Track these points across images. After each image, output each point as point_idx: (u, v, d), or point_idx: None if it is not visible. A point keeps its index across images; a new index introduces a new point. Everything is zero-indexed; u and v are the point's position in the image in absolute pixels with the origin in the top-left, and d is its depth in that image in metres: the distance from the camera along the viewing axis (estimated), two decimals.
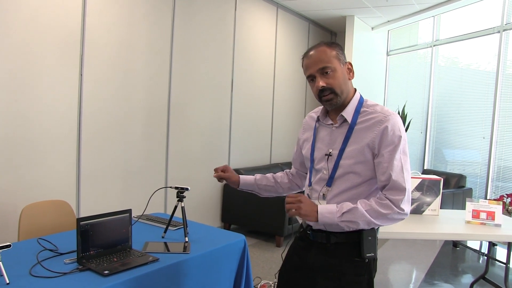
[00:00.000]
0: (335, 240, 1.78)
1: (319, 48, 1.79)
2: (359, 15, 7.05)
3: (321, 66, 1.74)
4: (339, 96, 1.77)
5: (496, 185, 6.02)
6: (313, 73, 1.77)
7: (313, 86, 1.80)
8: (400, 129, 1.72)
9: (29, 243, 2.35)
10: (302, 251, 1.91)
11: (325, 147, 1.84)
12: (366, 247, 1.73)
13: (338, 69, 1.76)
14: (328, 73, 1.74)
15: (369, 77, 7.75)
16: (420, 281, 4.31)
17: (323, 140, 1.87)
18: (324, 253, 1.81)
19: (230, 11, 5.65)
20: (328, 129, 1.86)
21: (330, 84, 1.74)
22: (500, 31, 5.89)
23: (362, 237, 1.73)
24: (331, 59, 1.75)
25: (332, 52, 1.77)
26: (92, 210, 3.83)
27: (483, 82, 6.28)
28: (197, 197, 5.30)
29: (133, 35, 4.31)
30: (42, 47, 3.52)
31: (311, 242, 1.87)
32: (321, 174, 1.84)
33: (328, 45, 1.79)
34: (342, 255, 1.78)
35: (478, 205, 3.20)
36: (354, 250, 1.76)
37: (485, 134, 6.14)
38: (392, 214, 1.68)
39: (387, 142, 1.70)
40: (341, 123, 1.82)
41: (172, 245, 2.46)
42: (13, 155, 3.40)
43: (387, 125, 1.70)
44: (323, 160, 1.83)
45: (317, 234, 1.83)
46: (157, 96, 4.66)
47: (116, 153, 4.24)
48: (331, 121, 1.86)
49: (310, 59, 1.79)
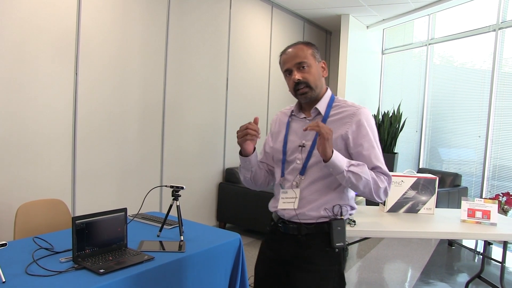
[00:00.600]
0: (306, 231, 1.86)
1: (297, 46, 1.92)
2: (354, 14, 7.06)
3: (298, 61, 1.87)
4: (314, 90, 1.89)
5: (492, 184, 6.04)
6: (290, 68, 1.90)
7: (289, 79, 1.92)
8: (371, 120, 1.88)
9: (24, 242, 2.35)
10: (275, 244, 1.98)
11: (298, 139, 1.93)
12: (336, 237, 1.81)
13: (313, 66, 1.89)
14: (304, 68, 1.87)
15: (364, 76, 7.77)
16: (415, 280, 4.32)
17: (296, 132, 1.96)
18: (295, 244, 1.88)
19: (225, 9, 5.64)
20: (301, 122, 1.96)
21: (305, 78, 1.87)
22: (495, 29, 5.92)
23: (331, 227, 1.81)
24: (307, 56, 1.88)
25: (309, 50, 1.90)
26: (87, 209, 3.81)
27: (479, 81, 6.31)
28: (192, 196, 5.29)
29: (128, 35, 4.29)
30: (37, 46, 3.51)
31: (282, 235, 1.93)
32: (294, 164, 1.92)
33: (305, 44, 1.93)
34: (313, 246, 1.85)
35: (474, 204, 3.20)
36: (324, 240, 1.83)
37: (481, 133, 6.16)
38: (382, 190, 1.81)
39: (363, 133, 1.83)
40: (315, 116, 1.93)
41: (168, 244, 2.45)
42: (8, 154, 3.38)
43: (360, 118, 1.84)
44: (297, 151, 1.92)
45: (288, 227, 1.90)
46: (152, 95, 4.65)
47: (112, 152, 4.23)
48: (304, 115, 1.97)
49: (288, 55, 1.92)
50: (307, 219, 1.85)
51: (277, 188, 1.99)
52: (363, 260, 4.84)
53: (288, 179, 1.93)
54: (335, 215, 1.84)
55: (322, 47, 8.28)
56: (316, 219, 1.85)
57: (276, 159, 2.04)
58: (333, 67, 8.28)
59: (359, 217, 3.10)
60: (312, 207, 1.85)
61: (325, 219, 1.84)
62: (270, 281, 2.00)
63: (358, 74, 7.46)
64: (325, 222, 1.83)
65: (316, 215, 1.85)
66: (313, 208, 1.85)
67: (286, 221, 1.91)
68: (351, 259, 4.84)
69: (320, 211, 1.84)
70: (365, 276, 4.37)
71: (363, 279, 4.30)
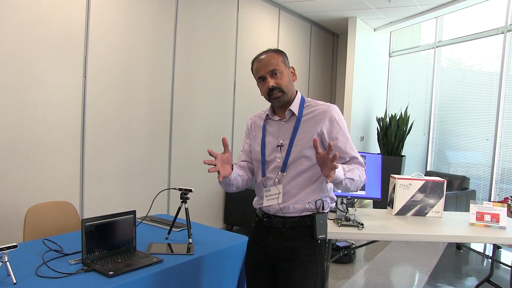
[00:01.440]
0: (290, 224, 2.00)
1: (268, 54, 2.06)
2: (361, 17, 7.05)
3: (271, 69, 2.02)
4: (286, 94, 2.03)
5: (500, 187, 6.00)
6: (264, 75, 2.04)
7: (263, 85, 2.06)
8: (341, 115, 2.06)
9: (34, 243, 2.37)
10: (261, 238, 2.11)
11: (275, 140, 2.08)
12: (318, 229, 1.96)
13: (284, 72, 2.04)
14: (277, 75, 2.02)
15: (372, 79, 7.75)
16: (423, 283, 4.30)
17: (272, 134, 2.11)
18: (280, 237, 2.02)
19: (233, 12, 5.66)
20: (276, 124, 2.11)
21: (279, 84, 2.01)
22: (504, 32, 5.88)
23: (314, 220, 1.96)
24: (279, 63, 2.03)
25: (280, 57, 2.05)
26: (96, 211, 3.84)
27: (487, 84, 6.27)
28: (200, 198, 5.30)
29: (136, 38, 4.32)
30: (46, 49, 3.53)
31: (267, 229, 2.07)
32: (275, 163, 2.05)
33: (275, 51, 2.08)
34: (297, 238, 1.99)
35: (482, 207, 3.18)
36: (307, 232, 1.98)
37: (489, 136, 6.13)
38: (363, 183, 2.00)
39: (338, 128, 2.00)
40: (290, 117, 2.07)
41: (176, 246, 2.46)
42: (17, 156, 3.41)
43: (332, 114, 2.01)
44: (276, 151, 2.06)
45: (273, 221, 2.04)
46: (160, 98, 4.67)
47: (120, 155, 4.25)
48: (278, 117, 2.11)
49: (261, 63, 2.06)
50: (291, 212, 1.99)
51: (259, 187, 2.13)
52: (371, 263, 4.82)
53: (270, 177, 2.06)
54: (318, 209, 1.99)
55: (329, 50, 8.28)
56: (300, 213, 1.99)
57: (255, 159, 2.17)
58: (340, 70, 8.29)
59: (366, 220, 3.09)
60: (295, 200, 1.99)
61: (308, 213, 1.99)
62: (259, 274, 2.13)
63: (365, 77, 7.44)
64: (308, 216, 1.99)
65: (300, 208, 1.99)
66: (297, 201, 1.99)
67: (271, 216, 2.05)
68: (359, 262, 4.82)
69: (304, 204, 1.99)
70: (372, 279, 4.36)
71: (370, 282, 4.29)
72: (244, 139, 2.30)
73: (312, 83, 7.65)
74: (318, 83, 7.89)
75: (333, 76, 8.49)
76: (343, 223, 2.95)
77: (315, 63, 7.75)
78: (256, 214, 2.18)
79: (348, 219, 3.01)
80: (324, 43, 8.01)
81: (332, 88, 8.47)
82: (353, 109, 7.09)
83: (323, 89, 8.11)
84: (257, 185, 2.17)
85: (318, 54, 7.84)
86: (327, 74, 8.27)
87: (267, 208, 2.05)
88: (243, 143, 2.30)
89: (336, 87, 8.52)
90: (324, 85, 8.16)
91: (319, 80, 7.95)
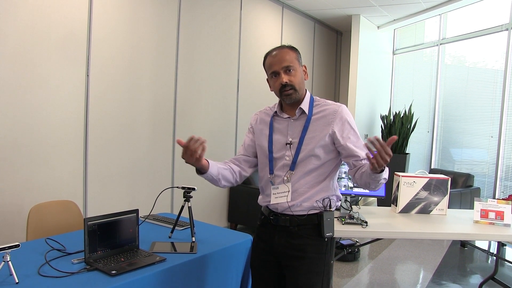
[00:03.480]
0: (297, 222, 2.00)
1: (283, 49, 2.04)
2: (365, 14, 7.03)
3: (285, 65, 1.99)
4: (297, 92, 2.02)
5: (505, 185, 5.97)
6: (277, 70, 2.01)
7: (275, 81, 2.04)
8: (351, 116, 2.06)
9: (37, 243, 2.36)
10: (267, 236, 2.11)
11: (284, 137, 2.06)
12: (326, 227, 1.97)
13: (298, 69, 2.03)
14: (291, 71, 2.00)
15: (375, 76, 7.73)
16: (427, 281, 4.29)
17: (281, 131, 2.09)
18: (287, 235, 2.02)
19: (236, 10, 5.64)
20: (285, 121, 2.09)
21: (291, 81, 1.99)
22: (508, 28, 5.84)
23: (322, 219, 1.97)
24: (293, 60, 2.01)
25: (294, 54, 2.03)
26: (99, 210, 3.84)
27: (491, 81, 6.24)
28: (203, 197, 5.30)
29: (139, 36, 4.31)
30: (49, 48, 3.53)
31: (274, 227, 2.07)
32: (283, 161, 2.04)
33: (290, 48, 2.05)
34: (305, 236, 2.00)
35: (487, 204, 3.17)
36: (314, 230, 1.99)
37: (493, 133, 6.10)
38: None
39: (349, 128, 2.00)
40: (300, 115, 2.06)
41: (179, 245, 2.46)
42: (20, 155, 3.41)
43: (343, 115, 2.01)
44: (284, 149, 2.05)
45: (280, 219, 2.04)
46: (164, 96, 4.66)
47: (123, 153, 4.25)
48: (287, 115, 2.09)
49: (275, 58, 2.03)
50: (300, 210, 2.00)
51: (266, 184, 2.11)
52: (375, 261, 4.81)
53: (279, 175, 2.05)
54: (325, 207, 1.99)
55: (333, 48, 8.26)
56: (308, 211, 1.99)
57: (261, 156, 2.16)
58: (344, 67, 8.27)
59: (371, 218, 3.09)
60: (304, 199, 1.99)
61: (315, 211, 2.00)
62: (265, 272, 2.13)
63: (369, 75, 7.42)
64: (315, 214, 2.00)
65: (308, 206, 1.99)
66: (305, 199, 1.99)
67: (279, 214, 2.05)
68: (363, 260, 4.81)
69: (312, 202, 1.99)
70: (377, 277, 4.35)
71: (374, 280, 4.28)
72: (246, 134, 2.29)
73: (316, 81, 7.62)
74: (322, 81, 7.87)
75: (337, 74, 8.46)
76: (347, 221, 2.94)
77: (319, 61, 7.73)
78: (262, 212, 2.19)
79: (352, 217, 3.00)
80: (327, 41, 7.99)
81: (336, 86, 8.44)
82: (357, 107, 7.07)
83: (327, 87, 8.09)
84: (263, 182, 2.15)
85: (322, 52, 7.82)
86: (331, 72, 8.25)
87: (275, 206, 2.05)
88: (245, 138, 2.29)
89: (340, 85, 8.50)
90: (328, 83, 8.13)
91: (323, 78, 7.93)
